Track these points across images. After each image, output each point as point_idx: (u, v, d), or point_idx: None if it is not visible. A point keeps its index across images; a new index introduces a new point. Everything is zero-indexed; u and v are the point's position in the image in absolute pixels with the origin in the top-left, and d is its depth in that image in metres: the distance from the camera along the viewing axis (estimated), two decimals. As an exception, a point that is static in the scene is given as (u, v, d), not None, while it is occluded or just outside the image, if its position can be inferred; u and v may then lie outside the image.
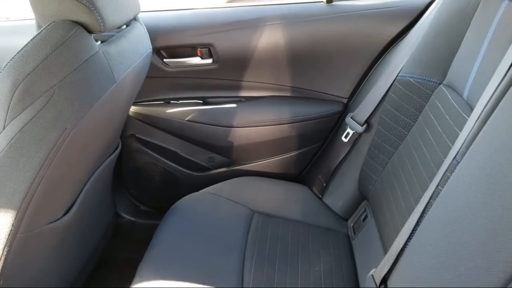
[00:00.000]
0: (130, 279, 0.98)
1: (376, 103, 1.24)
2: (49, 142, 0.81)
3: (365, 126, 1.27)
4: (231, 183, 1.36)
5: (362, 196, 1.28)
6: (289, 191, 1.39)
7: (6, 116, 0.78)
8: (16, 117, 0.78)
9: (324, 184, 1.37)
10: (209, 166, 1.52)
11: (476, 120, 0.74)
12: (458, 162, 0.74)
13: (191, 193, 1.31)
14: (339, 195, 1.34)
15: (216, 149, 1.48)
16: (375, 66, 1.36)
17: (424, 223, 0.77)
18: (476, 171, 0.68)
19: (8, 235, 0.84)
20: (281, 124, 1.42)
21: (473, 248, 0.60)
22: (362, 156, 1.26)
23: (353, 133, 1.29)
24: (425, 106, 1.07)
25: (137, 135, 1.47)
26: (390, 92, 1.19)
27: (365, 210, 1.25)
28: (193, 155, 1.51)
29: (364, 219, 1.23)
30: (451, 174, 0.75)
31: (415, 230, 0.79)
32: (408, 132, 1.10)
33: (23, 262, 0.90)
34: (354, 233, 1.23)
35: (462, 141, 0.76)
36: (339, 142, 1.34)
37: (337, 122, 1.43)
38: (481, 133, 0.71)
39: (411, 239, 0.80)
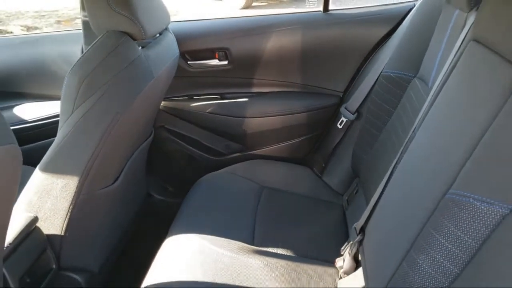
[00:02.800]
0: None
1: (365, 95, 1.44)
2: (105, 124, 1.03)
3: (356, 114, 1.47)
4: (244, 164, 1.58)
5: (355, 173, 1.47)
6: (293, 171, 1.59)
7: (74, 104, 1.01)
8: (81, 104, 1.01)
9: (323, 165, 1.57)
10: (226, 152, 1.73)
11: (429, 100, 0.94)
12: (415, 134, 0.94)
13: None
14: (336, 173, 1.54)
15: (232, 137, 1.69)
16: (365, 64, 1.56)
17: (391, 182, 0.98)
18: (425, 137, 0.89)
19: (73, 195, 1.07)
20: (286, 115, 1.63)
21: (418, 183, 0.81)
22: (354, 140, 1.47)
23: (346, 120, 1.50)
24: (403, 96, 1.27)
25: (166, 126, 1.69)
26: (376, 85, 1.39)
27: (357, 185, 1.44)
28: (212, 143, 1.72)
29: (356, 193, 1.42)
30: (410, 144, 0.95)
31: (385, 188, 1.00)
32: (390, 118, 1.30)
33: (83, 219, 1.13)
34: (348, 205, 1.43)
35: (419, 117, 0.97)
36: (335, 129, 1.54)
37: (334, 113, 1.63)
38: (431, 109, 0.91)
39: (382, 195, 1.00)
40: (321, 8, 1.58)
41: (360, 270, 1.05)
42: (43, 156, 1.09)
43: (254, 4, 6.36)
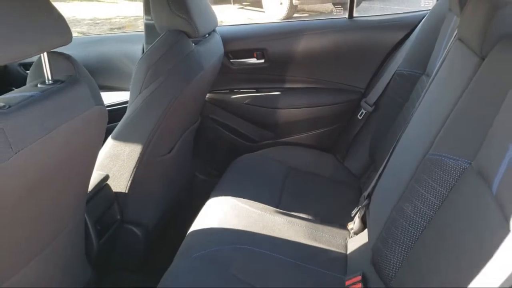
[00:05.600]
0: None
1: (382, 89, 1.64)
2: (164, 104, 1.29)
3: (374, 107, 1.67)
4: (275, 149, 1.80)
5: (372, 159, 1.67)
6: (318, 156, 1.80)
7: (141, 87, 1.27)
8: (147, 87, 1.27)
9: (345, 152, 1.78)
10: (260, 139, 1.95)
11: (426, 88, 1.14)
12: (412, 118, 1.15)
13: None
14: (356, 159, 1.74)
15: (265, 125, 1.92)
16: (384, 64, 1.75)
17: (393, 156, 1.18)
18: (418, 115, 1.09)
19: (137, 160, 1.32)
20: (313, 107, 1.84)
21: (408, 150, 1.02)
22: (372, 130, 1.66)
23: (366, 112, 1.70)
24: (412, 90, 1.46)
25: (210, 115, 1.94)
26: (391, 81, 1.59)
27: (373, 169, 1.63)
28: (248, 131, 1.95)
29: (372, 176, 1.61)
30: (408, 124, 1.15)
31: (388, 161, 1.20)
32: (402, 109, 1.49)
33: (143, 181, 1.38)
34: (364, 185, 1.62)
35: (417, 104, 1.17)
36: (356, 120, 1.75)
37: (355, 106, 1.83)
38: (426, 94, 1.12)
39: (386, 167, 1.20)
40: (346, 15, 1.80)
41: (366, 230, 1.25)
42: (107, 138, 1.34)
43: (295, 15, 6.57)
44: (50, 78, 0.86)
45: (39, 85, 0.86)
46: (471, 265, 0.66)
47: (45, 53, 0.84)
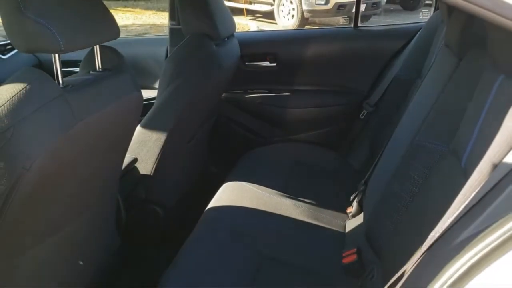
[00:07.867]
0: None
1: (382, 92, 1.79)
2: (187, 97, 1.45)
3: (374, 107, 1.82)
4: (283, 144, 1.96)
5: (372, 155, 1.81)
6: (322, 152, 1.95)
7: (168, 81, 1.44)
8: (173, 82, 1.43)
9: (347, 148, 1.93)
10: (270, 136, 2.11)
11: (418, 86, 1.30)
12: (404, 114, 1.30)
13: None
14: (357, 155, 1.89)
15: (275, 123, 2.07)
16: (385, 69, 1.90)
17: (387, 146, 1.33)
18: (410, 109, 1.24)
19: (162, 147, 1.48)
20: (320, 108, 2.00)
21: (399, 139, 1.16)
22: (372, 128, 1.81)
23: (367, 112, 1.85)
24: (408, 92, 1.61)
25: (225, 114, 2.10)
26: (391, 85, 1.74)
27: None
28: (260, 128, 2.11)
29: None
30: (401, 120, 1.30)
31: (383, 152, 1.35)
32: (398, 109, 1.64)
33: (166, 166, 1.53)
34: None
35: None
36: (358, 119, 1.90)
37: (358, 107, 1.98)
38: (418, 91, 1.27)
39: (381, 156, 1.35)
40: (352, 25, 1.96)
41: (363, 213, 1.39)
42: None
43: (306, 27, 6.75)
44: (100, 66, 1.03)
45: (91, 72, 1.02)
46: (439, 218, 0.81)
47: (97, 46, 1.01)
